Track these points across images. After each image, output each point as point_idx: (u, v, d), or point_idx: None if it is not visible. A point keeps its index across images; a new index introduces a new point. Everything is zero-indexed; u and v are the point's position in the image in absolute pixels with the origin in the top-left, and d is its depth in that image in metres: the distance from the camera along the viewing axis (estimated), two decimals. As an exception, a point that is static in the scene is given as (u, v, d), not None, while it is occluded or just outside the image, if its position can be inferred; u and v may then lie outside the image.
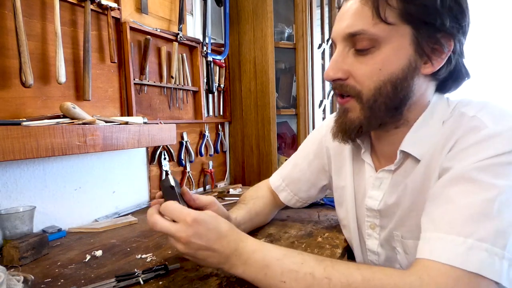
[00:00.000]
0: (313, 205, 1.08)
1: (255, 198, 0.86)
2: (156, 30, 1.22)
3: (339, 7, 0.58)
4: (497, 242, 0.42)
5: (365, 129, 0.58)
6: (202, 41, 1.44)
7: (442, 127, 0.55)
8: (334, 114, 0.66)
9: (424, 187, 0.56)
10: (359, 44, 0.53)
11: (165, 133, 1.08)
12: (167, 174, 1.43)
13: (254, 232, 0.84)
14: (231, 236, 0.54)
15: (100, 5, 1.01)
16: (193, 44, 1.41)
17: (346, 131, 0.59)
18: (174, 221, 0.53)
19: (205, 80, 1.49)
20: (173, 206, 0.54)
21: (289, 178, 0.88)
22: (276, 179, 0.91)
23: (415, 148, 0.57)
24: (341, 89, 0.57)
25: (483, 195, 0.45)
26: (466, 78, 0.59)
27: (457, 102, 0.58)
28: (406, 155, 0.58)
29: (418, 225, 0.53)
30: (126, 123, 0.95)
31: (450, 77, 0.57)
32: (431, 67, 0.54)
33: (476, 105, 0.54)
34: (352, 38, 0.53)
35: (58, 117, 0.82)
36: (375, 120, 0.56)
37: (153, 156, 1.26)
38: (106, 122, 0.91)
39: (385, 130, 0.61)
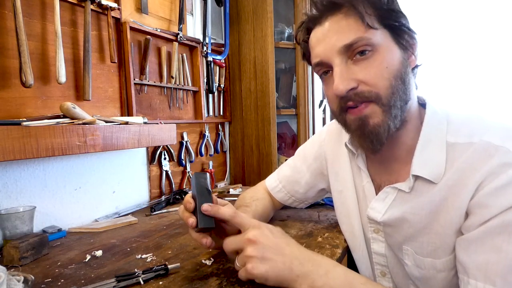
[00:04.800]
0: (313, 205, 1.08)
1: (256, 200, 0.86)
2: (156, 30, 1.23)
3: (309, 30, 0.61)
4: None
5: (392, 130, 0.56)
6: (202, 41, 1.44)
7: (457, 149, 0.55)
8: (334, 120, 0.66)
9: (442, 210, 0.55)
10: (358, 51, 0.55)
11: (165, 133, 1.08)
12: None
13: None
14: (297, 246, 0.56)
15: (100, 5, 1.01)
16: (193, 44, 1.41)
17: (378, 137, 0.56)
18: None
19: (205, 80, 1.49)
20: (243, 216, 0.58)
21: (286, 180, 0.88)
22: (272, 181, 0.91)
23: (426, 170, 0.56)
24: (357, 97, 0.55)
25: None
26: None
27: (464, 119, 0.58)
28: (417, 176, 0.58)
29: (430, 243, 0.57)
30: (126, 123, 0.95)
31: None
32: (415, 59, 0.59)
33: (497, 131, 0.53)
34: (349, 48, 0.55)
35: (58, 117, 0.82)
36: (395, 118, 0.56)
37: (153, 156, 1.26)
38: (106, 122, 0.91)
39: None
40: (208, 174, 0.65)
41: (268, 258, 0.51)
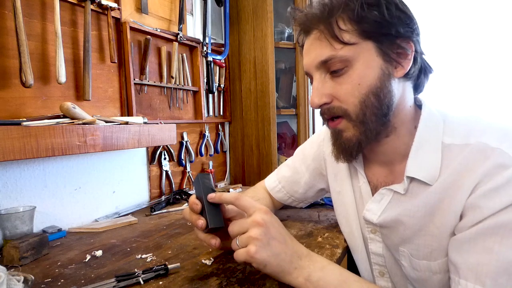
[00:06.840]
0: (313, 205, 1.08)
1: (257, 200, 0.86)
2: (156, 30, 1.23)
3: (302, 45, 0.63)
4: None
5: (364, 144, 0.59)
6: (202, 41, 1.44)
7: (453, 151, 0.55)
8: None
9: (438, 212, 0.55)
10: (333, 67, 0.56)
11: (165, 133, 1.08)
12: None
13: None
14: (297, 242, 0.57)
15: (100, 5, 1.01)
16: (193, 44, 1.42)
17: (347, 150, 0.60)
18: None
19: (205, 80, 1.49)
20: (248, 199, 0.57)
21: (285, 180, 0.89)
22: (272, 181, 0.91)
23: (420, 172, 0.57)
24: (329, 112, 0.59)
25: None
26: (431, 73, 0.62)
27: (461, 121, 0.58)
28: (412, 178, 0.58)
29: (427, 245, 0.57)
30: (126, 123, 0.95)
31: (420, 74, 0.61)
32: (402, 69, 0.57)
33: (494, 133, 0.53)
34: (324, 64, 0.57)
35: (58, 117, 0.82)
36: (370, 132, 0.58)
37: (153, 156, 1.26)
38: (106, 122, 0.91)
39: (377, 141, 0.61)
40: (211, 175, 0.66)
41: (273, 245, 0.52)
